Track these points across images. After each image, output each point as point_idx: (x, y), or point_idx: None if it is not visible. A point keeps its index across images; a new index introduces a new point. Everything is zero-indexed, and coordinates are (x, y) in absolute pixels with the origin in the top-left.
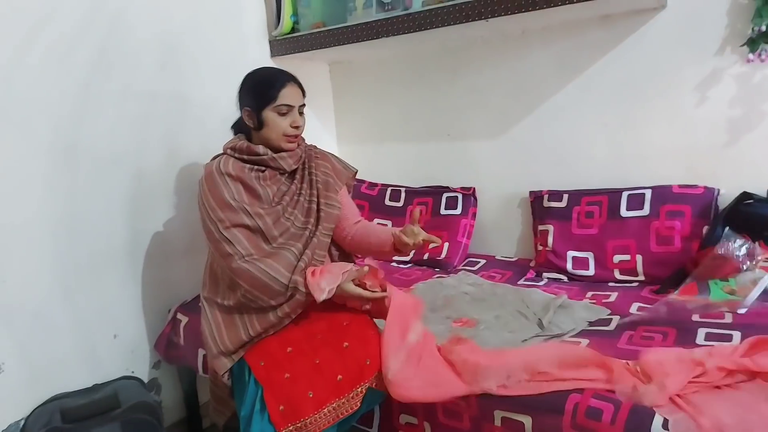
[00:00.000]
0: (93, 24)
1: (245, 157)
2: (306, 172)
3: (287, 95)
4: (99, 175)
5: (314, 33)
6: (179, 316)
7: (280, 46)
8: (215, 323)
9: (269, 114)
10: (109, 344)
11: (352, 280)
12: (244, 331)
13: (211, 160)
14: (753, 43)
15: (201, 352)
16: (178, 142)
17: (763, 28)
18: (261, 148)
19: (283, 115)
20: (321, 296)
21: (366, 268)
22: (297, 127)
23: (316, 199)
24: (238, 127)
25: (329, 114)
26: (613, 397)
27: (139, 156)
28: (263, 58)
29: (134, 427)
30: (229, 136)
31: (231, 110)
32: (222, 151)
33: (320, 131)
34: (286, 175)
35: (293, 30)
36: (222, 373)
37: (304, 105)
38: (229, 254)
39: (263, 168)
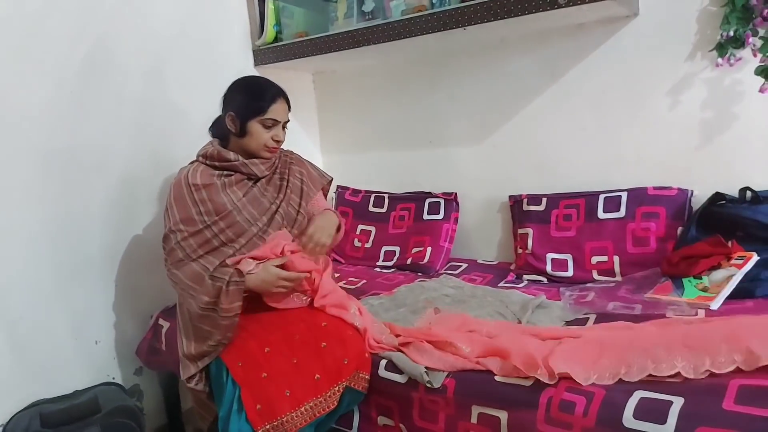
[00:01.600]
0: (82, 32)
1: (216, 163)
2: (277, 178)
3: (276, 110)
4: (84, 181)
5: (297, 42)
6: (161, 321)
7: (263, 55)
8: (183, 328)
9: (254, 125)
10: (90, 350)
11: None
12: (203, 340)
13: (185, 167)
14: (722, 49)
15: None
16: (163, 150)
17: (731, 33)
18: (232, 155)
19: (267, 128)
20: (246, 268)
21: (285, 258)
22: (278, 142)
23: (278, 203)
24: (216, 129)
25: (313, 123)
26: (586, 390)
27: (125, 163)
28: (247, 68)
29: (114, 431)
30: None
31: (213, 118)
32: (195, 159)
33: (304, 140)
34: (254, 180)
35: (276, 39)
36: (186, 377)
37: (288, 120)
38: (179, 259)
39: (231, 173)
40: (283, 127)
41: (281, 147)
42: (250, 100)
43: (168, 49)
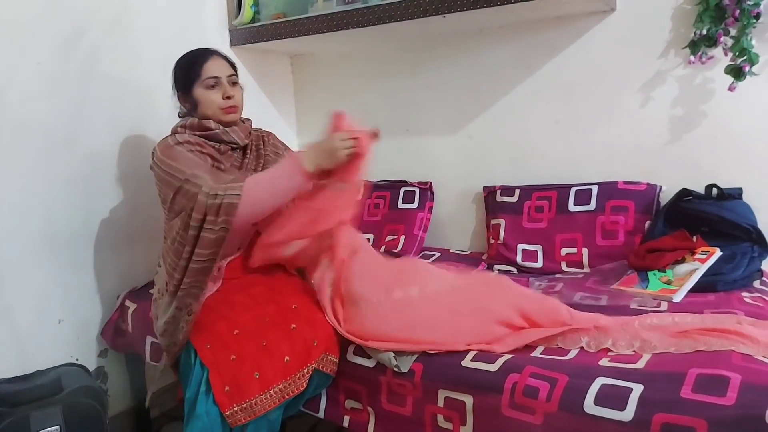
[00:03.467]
0: (50, 5)
1: (197, 132)
2: (256, 150)
3: (210, 67)
4: (49, 156)
5: (275, 23)
6: (127, 303)
7: (240, 35)
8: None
9: (198, 91)
10: (53, 330)
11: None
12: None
13: (162, 140)
14: (694, 46)
15: (149, 339)
16: (132, 127)
17: (704, 32)
18: (212, 123)
19: (212, 88)
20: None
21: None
22: (229, 98)
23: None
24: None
25: (290, 107)
26: (550, 375)
27: (92, 138)
28: (223, 47)
29: (76, 412)
30: None
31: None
32: (170, 133)
33: (281, 124)
34: (239, 151)
35: (254, 20)
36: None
37: (234, 75)
38: (194, 193)
39: (217, 143)
40: (233, 84)
41: (251, 121)
42: (185, 71)
43: (141, 25)
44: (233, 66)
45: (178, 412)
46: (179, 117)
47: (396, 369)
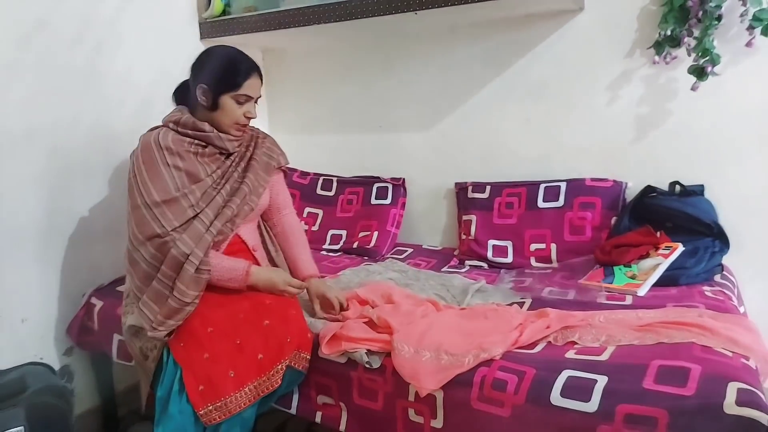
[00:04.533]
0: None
1: (189, 132)
2: (246, 153)
3: (250, 86)
4: (11, 150)
5: (245, 17)
6: (94, 300)
7: (210, 28)
8: (148, 298)
9: (227, 100)
10: (16, 328)
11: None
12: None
13: (149, 132)
14: (659, 46)
15: (116, 338)
16: (98, 120)
17: (669, 32)
18: (207, 126)
19: (240, 104)
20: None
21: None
22: (250, 118)
23: (247, 182)
24: (180, 96)
25: (261, 102)
26: (517, 368)
27: (56, 132)
28: (192, 40)
29: (40, 411)
30: (151, 115)
31: (155, 90)
32: (162, 124)
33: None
34: (225, 155)
35: (224, 12)
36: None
37: (260, 96)
38: (154, 232)
39: (204, 145)
40: (255, 103)
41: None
42: (225, 74)
43: (107, 16)
44: (262, 84)
45: (146, 410)
46: (173, 96)
47: (367, 365)
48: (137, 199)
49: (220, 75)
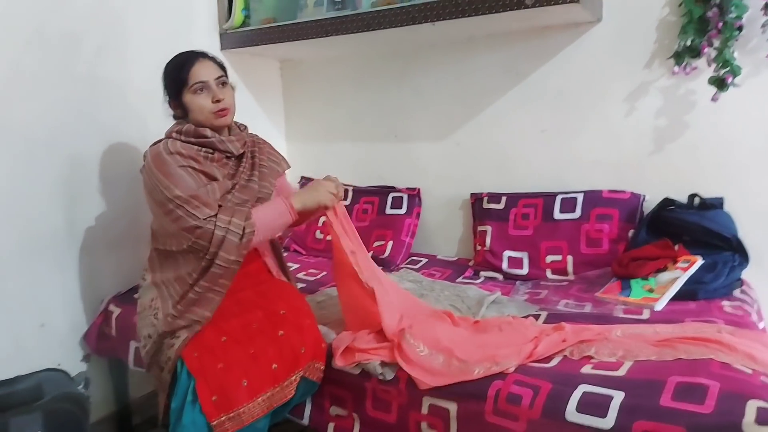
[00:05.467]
0: (37, 9)
1: (192, 140)
2: (251, 157)
3: (197, 72)
4: (31, 158)
5: (264, 28)
6: (112, 307)
7: (230, 39)
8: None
9: (187, 97)
10: (35, 334)
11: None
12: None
13: (153, 144)
14: (678, 57)
15: (133, 344)
16: (117, 130)
17: (688, 43)
18: (208, 131)
19: (200, 92)
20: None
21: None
22: (219, 101)
23: (256, 180)
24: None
25: (279, 112)
26: (533, 383)
27: (76, 141)
28: (213, 51)
29: (57, 418)
30: (171, 124)
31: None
32: (164, 137)
33: (270, 128)
34: (233, 159)
35: (244, 24)
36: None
37: (222, 76)
38: (192, 225)
39: (212, 151)
40: (221, 85)
41: (246, 127)
42: (171, 76)
43: (130, 28)
44: (222, 67)
45: (164, 420)
46: (174, 119)
47: (381, 377)
48: (164, 200)
49: (169, 80)
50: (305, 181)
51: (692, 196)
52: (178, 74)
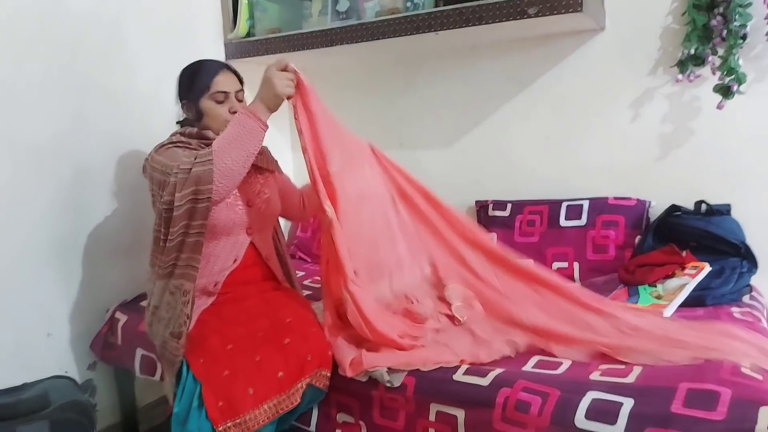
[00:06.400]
0: (41, 17)
1: (194, 141)
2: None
3: (221, 82)
4: (37, 166)
5: (269, 38)
6: (117, 315)
7: (235, 49)
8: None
9: (206, 103)
10: (41, 342)
11: None
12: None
13: (157, 145)
14: (682, 65)
15: (139, 352)
16: (122, 138)
17: (692, 51)
18: (211, 134)
19: (220, 102)
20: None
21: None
22: (235, 113)
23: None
24: (182, 125)
25: (284, 120)
26: (541, 390)
27: (81, 149)
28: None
29: (63, 427)
30: None
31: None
32: (167, 140)
33: (275, 137)
34: None
35: (249, 34)
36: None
37: (241, 91)
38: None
39: None
40: (239, 99)
41: None
42: (194, 81)
43: (136, 37)
44: (241, 81)
45: (167, 427)
46: (177, 124)
47: (388, 384)
48: (163, 176)
49: (190, 84)
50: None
51: (699, 203)
52: (201, 79)
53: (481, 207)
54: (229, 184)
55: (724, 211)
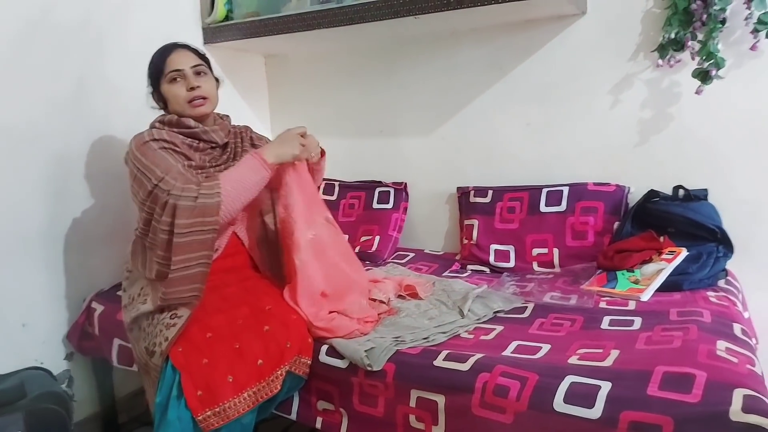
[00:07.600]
0: (19, 5)
1: (176, 129)
2: (238, 147)
3: (173, 61)
4: (14, 155)
5: (248, 22)
6: (94, 305)
7: (213, 33)
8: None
9: (164, 87)
10: (17, 333)
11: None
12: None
13: (138, 134)
14: (663, 50)
15: (117, 342)
16: (101, 126)
17: (672, 35)
18: (191, 121)
19: (175, 82)
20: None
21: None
22: (193, 89)
23: None
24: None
25: (264, 107)
26: (520, 374)
27: (59, 138)
28: (196, 45)
29: (39, 418)
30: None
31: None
32: (149, 127)
33: (255, 124)
34: (218, 149)
35: (227, 18)
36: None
37: (200, 65)
38: (166, 194)
39: (197, 141)
40: (198, 75)
41: (229, 118)
42: (151, 68)
43: (111, 22)
44: (202, 57)
45: (147, 417)
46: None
47: (369, 368)
48: (147, 186)
49: (150, 72)
50: None
51: (677, 188)
52: (156, 64)
53: (463, 194)
54: (227, 217)
55: (701, 196)
